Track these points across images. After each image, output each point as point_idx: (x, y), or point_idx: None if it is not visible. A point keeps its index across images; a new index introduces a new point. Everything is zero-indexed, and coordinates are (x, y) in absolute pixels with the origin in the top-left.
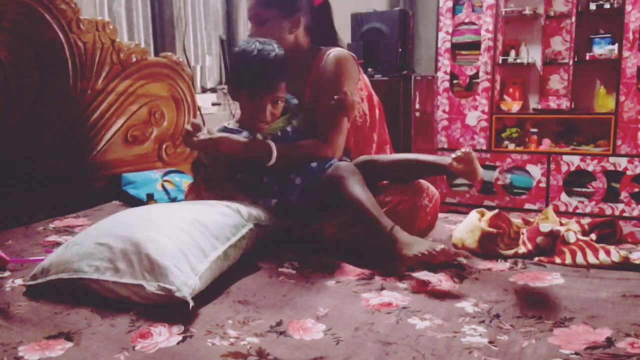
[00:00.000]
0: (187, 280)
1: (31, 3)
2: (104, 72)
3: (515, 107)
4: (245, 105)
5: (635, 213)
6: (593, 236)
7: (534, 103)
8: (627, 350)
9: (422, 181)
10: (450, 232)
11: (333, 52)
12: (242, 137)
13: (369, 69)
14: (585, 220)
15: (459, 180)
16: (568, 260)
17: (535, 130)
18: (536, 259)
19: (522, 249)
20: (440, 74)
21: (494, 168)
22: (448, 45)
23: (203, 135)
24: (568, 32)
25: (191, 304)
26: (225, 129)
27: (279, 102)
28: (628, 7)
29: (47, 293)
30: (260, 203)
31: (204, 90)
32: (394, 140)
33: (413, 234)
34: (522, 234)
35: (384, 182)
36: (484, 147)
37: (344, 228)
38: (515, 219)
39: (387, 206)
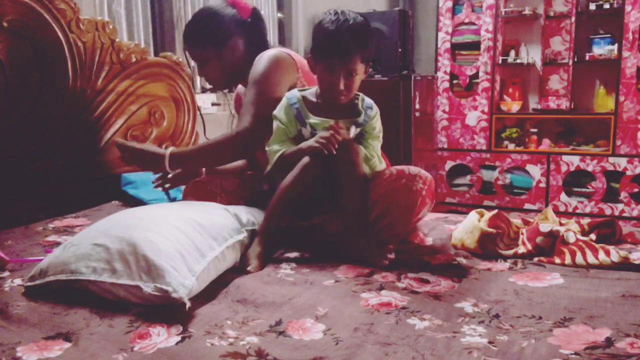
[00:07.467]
0: (183, 280)
1: (31, 3)
2: (103, 72)
3: (515, 107)
4: (321, 77)
5: (635, 213)
6: (593, 236)
7: (533, 103)
8: (626, 351)
9: (412, 167)
10: (450, 233)
11: (265, 52)
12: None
13: (371, 70)
14: (585, 221)
15: (459, 181)
16: (568, 260)
17: (535, 130)
18: (536, 259)
19: (521, 249)
20: (440, 74)
21: (493, 168)
22: (448, 45)
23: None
24: (568, 32)
25: (188, 304)
26: (302, 97)
27: (354, 74)
28: (628, 7)
29: (45, 293)
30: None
31: (204, 90)
32: (394, 140)
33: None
34: (522, 234)
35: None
36: (484, 147)
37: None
38: (515, 219)
39: (381, 199)
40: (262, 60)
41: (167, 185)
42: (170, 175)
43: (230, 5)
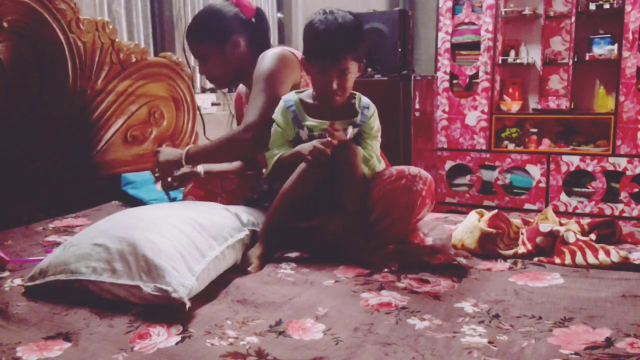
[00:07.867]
0: (183, 280)
1: (31, 3)
2: (103, 72)
3: (515, 107)
4: (315, 79)
5: (634, 213)
6: (593, 236)
7: (533, 103)
8: (626, 351)
9: (412, 167)
10: (450, 233)
11: (269, 50)
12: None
13: (369, 69)
14: (585, 221)
15: (458, 181)
16: (568, 260)
17: (534, 130)
18: (536, 259)
19: (521, 249)
20: (440, 74)
21: (493, 168)
22: (448, 45)
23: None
24: (568, 32)
25: (188, 304)
26: (299, 100)
27: (346, 73)
28: (628, 7)
29: (45, 293)
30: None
31: (204, 90)
32: (394, 140)
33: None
34: (522, 234)
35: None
36: (484, 147)
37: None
38: (515, 219)
39: (381, 199)
40: (267, 58)
41: (172, 178)
42: (175, 174)
43: (234, 4)
